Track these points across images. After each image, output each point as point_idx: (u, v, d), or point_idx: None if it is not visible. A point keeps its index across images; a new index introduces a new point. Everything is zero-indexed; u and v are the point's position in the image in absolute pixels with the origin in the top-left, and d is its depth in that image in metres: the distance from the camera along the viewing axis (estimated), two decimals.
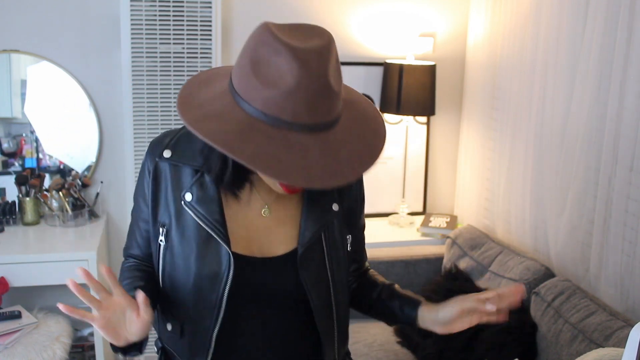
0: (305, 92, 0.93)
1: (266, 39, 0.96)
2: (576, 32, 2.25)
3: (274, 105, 0.94)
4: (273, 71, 0.94)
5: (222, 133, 0.94)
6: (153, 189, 1.19)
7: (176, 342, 1.22)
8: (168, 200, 1.18)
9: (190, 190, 1.15)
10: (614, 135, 2.07)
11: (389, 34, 3.07)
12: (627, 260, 2.03)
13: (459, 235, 2.84)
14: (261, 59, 0.96)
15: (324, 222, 1.21)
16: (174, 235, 1.17)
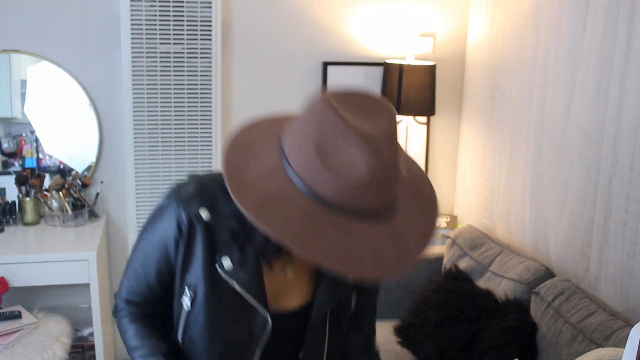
0: (377, 181, 0.89)
1: (332, 120, 0.91)
2: (576, 32, 2.25)
3: (343, 193, 0.89)
4: (343, 159, 0.89)
5: (288, 224, 0.88)
6: (186, 247, 1.08)
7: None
8: (199, 261, 1.08)
9: (228, 255, 1.07)
10: (614, 135, 2.07)
11: (389, 34, 3.07)
12: (627, 260, 2.03)
13: (459, 235, 2.84)
14: (328, 144, 0.90)
15: (340, 295, 1.18)
16: (204, 299, 1.09)
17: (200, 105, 2.76)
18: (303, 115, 0.96)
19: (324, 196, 0.89)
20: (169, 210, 1.09)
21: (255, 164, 0.97)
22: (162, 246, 1.10)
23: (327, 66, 3.01)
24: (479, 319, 2.28)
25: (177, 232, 1.08)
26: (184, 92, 2.72)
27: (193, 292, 1.10)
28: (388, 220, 0.93)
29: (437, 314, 2.39)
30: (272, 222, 0.88)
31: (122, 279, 1.20)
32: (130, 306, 1.20)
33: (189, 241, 1.08)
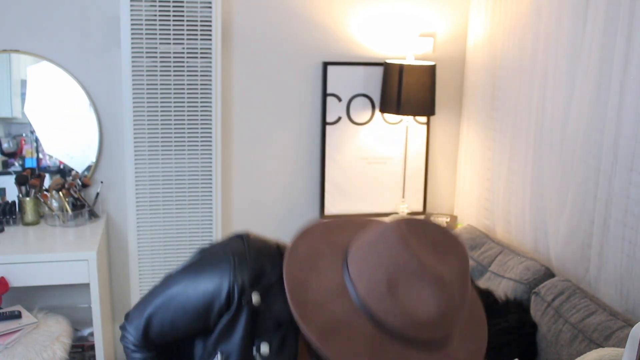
0: (445, 318, 0.91)
1: (407, 258, 0.91)
2: (576, 32, 2.25)
3: (409, 327, 0.90)
4: (414, 296, 0.90)
5: (352, 353, 0.89)
6: (229, 322, 1.05)
7: None
8: (238, 339, 1.06)
9: (268, 342, 1.05)
10: (614, 135, 2.07)
11: (389, 34, 3.07)
12: (627, 260, 2.03)
13: (458, 235, 2.84)
14: (401, 280, 0.91)
15: None
16: None
17: (200, 105, 2.76)
18: (374, 239, 0.95)
19: (390, 326, 0.90)
20: (221, 278, 1.04)
21: (318, 281, 0.96)
22: (204, 308, 1.06)
23: (327, 66, 3.01)
24: None
25: (224, 305, 1.04)
26: (184, 92, 2.72)
27: (225, 358, 1.07)
28: (445, 346, 0.94)
29: None
30: (336, 349, 0.88)
31: (136, 312, 1.14)
32: (144, 345, 1.15)
33: (233, 318, 1.05)
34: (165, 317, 1.10)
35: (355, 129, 3.13)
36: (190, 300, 1.06)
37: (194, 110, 2.76)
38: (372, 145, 3.16)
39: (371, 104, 3.13)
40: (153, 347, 1.16)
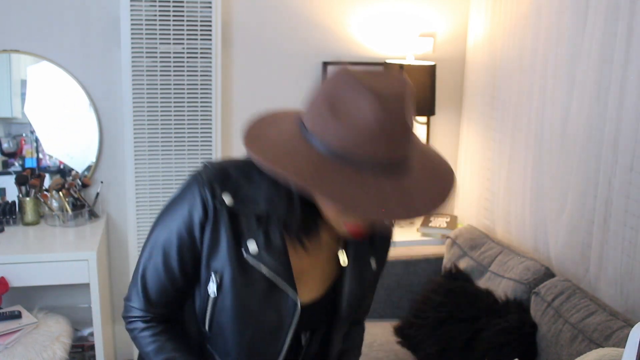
0: (385, 131, 0.91)
1: (346, 80, 0.94)
2: (576, 32, 2.25)
3: (351, 143, 0.92)
4: (352, 110, 0.92)
5: (298, 169, 0.92)
6: (212, 232, 1.08)
7: None
8: (225, 246, 1.08)
9: (254, 239, 1.07)
10: (614, 135, 2.07)
11: (389, 34, 3.07)
12: (627, 260, 2.03)
13: (459, 235, 2.84)
14: (340, 98, 0.93)
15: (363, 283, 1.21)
16: (231, 284, 1.08)
17: (200, 105, 2.76)
18: (322, 85, 0.99)
19: (334, 147, 0.92)
20: (192, 194, 1.08)
21: (275, 131, 1.01)
22: (187, 232, 1.08)
23: (327, 66, 3.01)
24: (479, 319, 2.28)
25: (203, 216, 1.07)
26: (184, 92, 2.72)
27: (219, 277, 1.09)
28: (398, 179, 0.94)
29: (437, 314, 2.39)
30: (282, 166, 0.92)
31: (131, 285, 1.15)
32: (149, 311, 1.15)
33: (214, 226, 1.07)
34: (157, 264, 1.11)
35: None
36: (173, 231, 1.09)
37: (194, 110, 2.76)
38: None
39: None
40: (159, 313, 1.16)
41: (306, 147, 0.95)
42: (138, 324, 1.15)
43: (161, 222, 1.12)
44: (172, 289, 1.13)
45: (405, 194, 0.93)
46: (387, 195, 0.91)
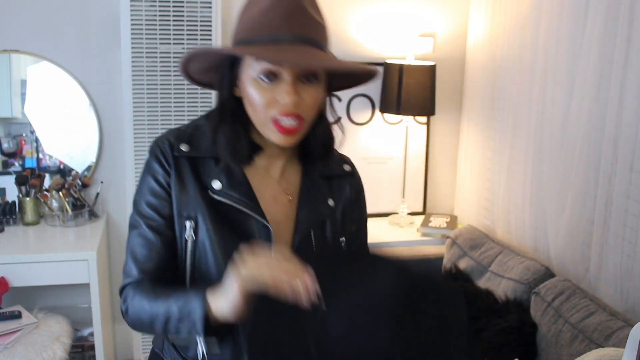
0: (279, 9, 1.04)
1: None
2: (576, 32, 2.25)
3: (254, 26, 1.07)
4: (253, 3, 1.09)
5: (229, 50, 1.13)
6: (176, 183, 1.15)
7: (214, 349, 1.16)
8: (192, 191, 1.15)
9: (217, 178, 1.16)
10: (614, 135, 2.07)
11: (389, 34, 3.07)
12: (627, 260, 2.03)
13: (459, 235, 2.84)
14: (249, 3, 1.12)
15: (318, 215, 1.22)
16: (205, 223, 1.14)
17: (200, 105, 2.76)
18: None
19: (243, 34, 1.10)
20: (150, 164, 1.18)
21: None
22: (157, 195, 1.16)
23: None
24: (479, 319, 2.28)
25: (165, 173, 1.16)
26: (184, 92, 2.72)
27: (194, 221, 1.15)
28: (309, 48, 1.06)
29: None
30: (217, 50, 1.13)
31: (125, 263, 1.19)
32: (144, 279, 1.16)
33: (177, 176, 1.16)
34: (141, 233, 1.17)
35: (355, 129, 3.13)
36: (149, 200, 1.17)
37: (194, 110, 2.76)
38: (372, 146, 3.17)
39: (371, 104, 3.13)
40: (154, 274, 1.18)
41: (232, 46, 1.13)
42: (129, 291, 1.15)
43: (136, 202, 1.19)
44: (165, 253, 1.17)
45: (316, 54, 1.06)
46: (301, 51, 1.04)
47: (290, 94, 1.05)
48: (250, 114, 1.12)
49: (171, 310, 1.07)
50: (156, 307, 1.09)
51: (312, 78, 1.08)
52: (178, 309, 1.06)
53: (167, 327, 1.08)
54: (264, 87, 1.07)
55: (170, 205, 1.16)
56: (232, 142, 1.14)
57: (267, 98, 1.07)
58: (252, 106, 1.10)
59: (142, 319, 1.12)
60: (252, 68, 1.08)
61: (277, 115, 1.07)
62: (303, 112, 1.08)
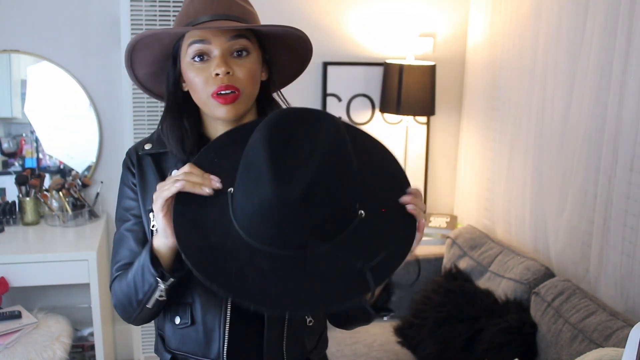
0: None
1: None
2: (576, 32, 2.25)
3: (182, 17, 1.16)
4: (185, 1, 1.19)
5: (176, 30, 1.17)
6: (140, 180, 1.22)
7: (187, 336, 1.21)
8: (153, 186, 1.16)
9: (176, 168, 1.18)
10: (614, 135, 2.07)
11: (388, 34, 3.07)
12: (627, 260, 2.03)
13: (459, 235, 2.84)
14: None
15: None
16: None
17: None
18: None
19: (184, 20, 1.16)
20: (123, 168, 1.25)
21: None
22: (129, 197, 1.24)
23: (327, 66, 3.01)
24: (479, 319, 2.28)
25: (131, 176, 1.23)
26: None
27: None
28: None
29: (437, 314, 2.39)
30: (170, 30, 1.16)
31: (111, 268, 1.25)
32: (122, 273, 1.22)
33: (140, 174, 1.22)
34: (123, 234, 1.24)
35: None
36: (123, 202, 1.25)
37: None
38: None
39: (371, 104, 3.13)
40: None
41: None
42: (113, 286, 1.21)
43: (116, 211, 1.27)
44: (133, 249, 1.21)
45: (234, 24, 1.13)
46: (219, 23, 1.13)
47: (220, 66, 1.11)
48: (195, 99, 1.17)
49: (134, 272, 1.12)
50: (125, 280, 1.15)
51: (242, 52, 1.15)
52: (136, 267, 1.11)
53: (137, 290, 1.11)
54: (198, 68, 1.13)
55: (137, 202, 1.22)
56: (179, 135, 1.19)
57: (204, 77, 1.13)
58: (193, 89, 1.16)
59: (121, 297, 1.17)
60: (187, 54, 1.14)
61: (215, 88, 1.12)
62: (238, 83, 1.13)
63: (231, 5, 1.17)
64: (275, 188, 0.89)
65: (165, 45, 1.18)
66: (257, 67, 1.18)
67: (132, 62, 1.20)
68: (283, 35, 1.21)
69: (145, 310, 1.14)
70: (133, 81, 1.24)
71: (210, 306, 1.18)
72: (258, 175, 0.91)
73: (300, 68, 1.31)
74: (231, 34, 1.13)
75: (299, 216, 0.90)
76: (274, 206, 0.90)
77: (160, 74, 1.23)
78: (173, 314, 1.22)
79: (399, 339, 2.51)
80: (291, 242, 0.92)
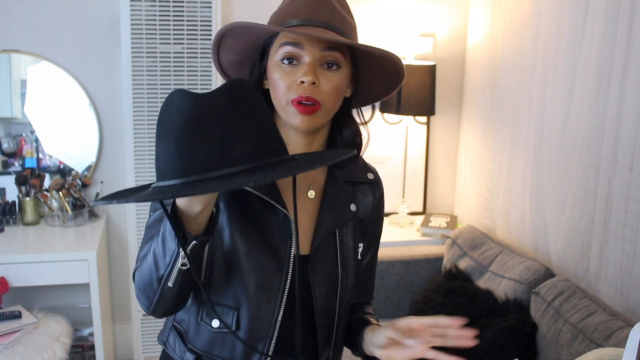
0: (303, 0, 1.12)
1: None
2: (576, 32, 2.25)
3: (280, 15, 1.13)
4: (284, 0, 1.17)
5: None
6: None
7: (224, 341, 1.16)
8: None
9: None
10: (614, 135, 2.07)
11: (388, 34, 3.07)
12: (627, 260, 2.03)
13: (459, 235, 2.84)
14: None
15: (340, 218, 1.22)
16: (227, 215, 1.13)
17: None
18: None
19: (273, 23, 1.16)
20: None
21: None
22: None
23: None
24: (479, 319, 2.28)
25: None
26: None
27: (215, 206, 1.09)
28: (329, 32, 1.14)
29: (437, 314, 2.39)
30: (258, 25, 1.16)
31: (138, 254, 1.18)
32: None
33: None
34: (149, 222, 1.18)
35: None
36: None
37: None
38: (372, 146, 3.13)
39: (371, 104, 3.13)
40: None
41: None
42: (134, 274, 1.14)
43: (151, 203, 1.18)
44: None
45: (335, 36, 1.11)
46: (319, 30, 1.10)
47: (307, 74, 1.08)
48: (274, 100, 1.14)
49: (154, 246, 1.04)
50: (146, 260, 1.07)
51: (333, 65, 1.12)
52: (156, 240, 1.04)
53: (157, 265, 1.03)
54: (285, 71, 1.10)
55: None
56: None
57: (288, 81, 1.10)
58: (274, 90, 1.12)
59: (141, 282, 1.09)
60: (277, 54, 1.11)
61: (296, 96, 1.09)
62: (320, 97, 1.10)
63: (333, 14, 1.13)
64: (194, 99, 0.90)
65: (257, 38, 1.16)
66: (344, 82, 1.16)
67: (219, 47, 1.18)
68: (378, 57, 1.20)
69: (167, 291, 1.04)
70: (216, 66, 1.22)
71: (262, 315, 1.14)
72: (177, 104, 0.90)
73: (387, 92, 1.28)
74: (326, 45, 1.10)
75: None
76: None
77: (244, 65, 1.21)
78: (210, 315, 1.15)
79: None
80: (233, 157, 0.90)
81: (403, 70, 1.21)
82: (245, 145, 0.90)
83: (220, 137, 0.89)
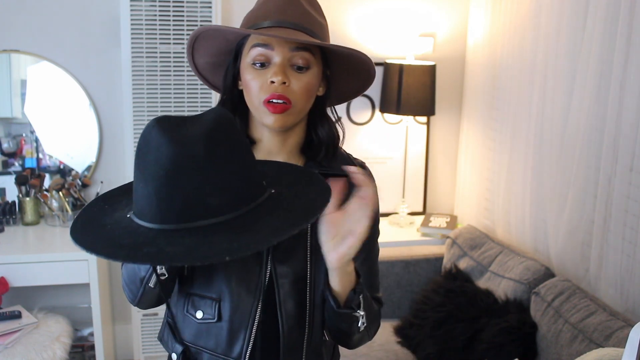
0: (274, 1, 1.14)
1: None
2: (576, 32, 2.25)
3: (251, 17, 1.16)
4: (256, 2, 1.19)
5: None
6: None
7: (208, 332, 1.18)
8: None
9: None
10: (614, 135, 2.07)
11: (389, 34, 3.07)
12: (627, 260, 2.03)
13: (459, 235, 2.84)
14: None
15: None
16: None
17: (200, 105, 2.76)
18: None
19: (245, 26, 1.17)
20: None
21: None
22: None
23: None
24: (479, 319, 2.28)
25: None
26: (184, 92, 2.72)
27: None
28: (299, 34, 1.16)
29: (437, 314, 2.39)
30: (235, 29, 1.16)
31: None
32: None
33: None
34: None
35: (355, 129, 3.13)
36: None
37: (194, 110, 2.76)
38: (372, 146, 3.16)
39: (371, 104, 3.13)
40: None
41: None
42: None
43: None
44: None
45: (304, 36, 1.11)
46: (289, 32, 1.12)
47: (277, 74, 1.11)
48: (248, 101, 1.17)
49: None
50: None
51: (302, 69, 1.14)
52: None
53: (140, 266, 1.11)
54: (257, 72, 1.13)
55: None
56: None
57: (260, 82, 1.13)
58: (247, 92, 1.15)
59: (126, 276, 1.16)
60: (248, 56, 1.14)
61: (267, 96, 1.12)
62: (292, 96, 1.12)
63: (303, 15, 1.15)
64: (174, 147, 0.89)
65: (229, 41, 1.18)
66: (315, 82, 1.17)
67: (194, 50, 1.20)
68: (347, 56, 1.20)
69: (149, 291, 1.12)
70: (192, 68, 1.25)
71: (241, 305, 1.16)
72: (155, 148, 0.90)
73: (360, 90, 1.31)
74: (295, 45, 1.12)
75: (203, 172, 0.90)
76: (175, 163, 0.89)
77: (219, 66, 1.23)
78: (195, 307, 1.19)
79: (399, 339, 2.51)
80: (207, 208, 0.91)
81: (373, 68, 1.22)
82: (222, 196, 0.92)
83: (199, 186, 0.90)
